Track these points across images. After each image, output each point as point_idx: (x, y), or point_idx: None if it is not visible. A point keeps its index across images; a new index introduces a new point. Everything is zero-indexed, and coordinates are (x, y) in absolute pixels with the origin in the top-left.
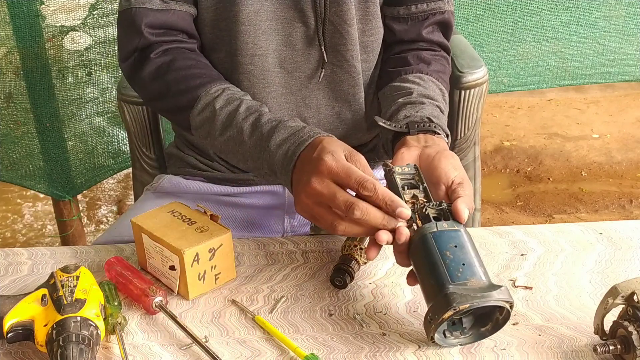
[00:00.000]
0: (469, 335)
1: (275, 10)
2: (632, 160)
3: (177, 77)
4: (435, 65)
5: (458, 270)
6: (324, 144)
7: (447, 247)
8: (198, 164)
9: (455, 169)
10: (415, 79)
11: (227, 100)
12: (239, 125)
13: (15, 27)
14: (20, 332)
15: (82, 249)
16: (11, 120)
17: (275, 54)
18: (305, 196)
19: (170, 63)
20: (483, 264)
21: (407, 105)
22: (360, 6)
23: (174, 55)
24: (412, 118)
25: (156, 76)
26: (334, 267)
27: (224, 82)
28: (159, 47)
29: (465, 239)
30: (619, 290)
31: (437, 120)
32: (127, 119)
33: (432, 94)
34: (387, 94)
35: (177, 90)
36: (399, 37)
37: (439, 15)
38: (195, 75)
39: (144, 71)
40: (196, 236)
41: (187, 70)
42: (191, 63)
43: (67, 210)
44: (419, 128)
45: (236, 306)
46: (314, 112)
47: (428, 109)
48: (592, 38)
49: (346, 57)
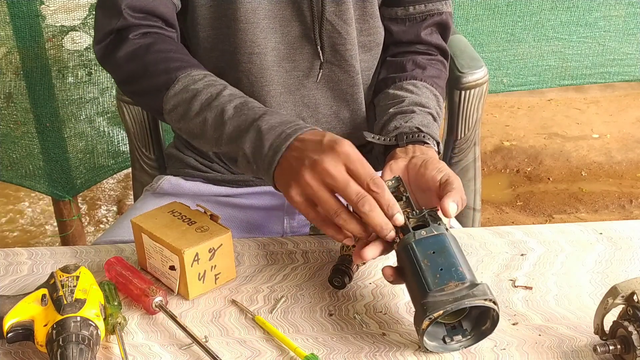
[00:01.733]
0: (471, 337)
1: (273, 9)
2: (632, 160)
3: (156, 58)
4: (430, 70)
5: (435, 276)
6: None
7: (425, 254)
8: (198, 164)
9: (440, 171)
10: (409, 86)
11: (209, 83)
12: (220, 107)
13: (15, 27)
14: (20, 332)
15: (82, 249)
16: (11, 120)
17: (273, 53)
18: (311, 176)
19: (149, 45)
20: (466, 263)
21: (398, 115)
22: (357, 6)
23: (154, 39)
24: (401, 129)
25: (133, 57)
26: (333, 268)
27: (205, 70)
28: (138, 29)
29: (446, 242)
30: (619, 290)
31: (426, 129)
32: (126, 120)
33: (425, 101)
34: (381, 104)
35: (154, 70)
36: (396, 38)
37: (437, 16)
38: (175, 59)
39: (120, 51)
40: (196, 236)
41: (167, 53)
42: (172, 47)
43: (67, 210)
44: (408, 139)
45: (236, 306)
46: (312, 112)
47: (418, 117)
48: (592, 38)
49: (345, 57)
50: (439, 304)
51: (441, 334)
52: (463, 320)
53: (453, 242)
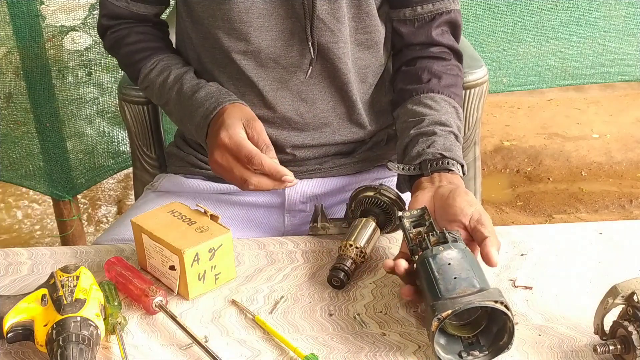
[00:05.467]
0: (488, 352)
1: (268, 7)
2: (632, 160)
3: (127, 51)
4: (446, 79)
5: (449, 283)
6: (225, 116)
7: (440, 266)
8: (198, 162)
9: (470, 205)
10: (428, 100)
11: (161, 71)
12: (167, 95)
13: (15, 27)
14: (20, 332)
15: (82, 249)
16: (11, 120)
17: (268, 50)
18: (212, 162)
19: (122, 39)
20: (482, 275)
21: (419, 138)
22: (353, 4)
23: (127, 32)
24: (424, 156)
25: (112, 50)
26: (331, 268)
27: (162, 53)
28: (114, 27)
29: (461, 255)
30: (619, 290)
31: (449, 153)
32: (127, 119)
33: (445, 119)
34: (401, 120)
35: (127, 63)
36: (407, 41)
37: (446, 15)
38: (139, 50)
39: (106, 46)
40: (196, 236)
41: (134, 45)
42: (139, 38)
43: (67, 210)
44: (432, 168)
45: (236, 306)
46: (309, 107)
47: (440, 140)
48: (592, 38)
49: (337, 54)
50: (448, 305)
51: (458, 349)
52: (480, 335)
53: (469, 256)
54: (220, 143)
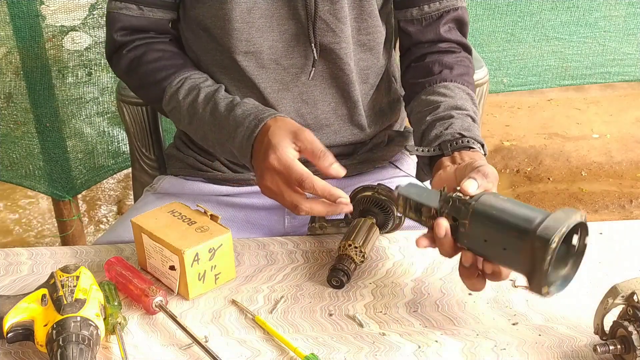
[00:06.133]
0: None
1: (270, 8)
2: (632, 160)
3: (146, 70)
4: (458, 69)
5: (523, 214)
6: (269, 136)
7: (498, 204)
8: (198, 164)
9: (481, 165)
10: (441, 89)
11: (189, 90)
12: (199, 116)
13: (15, 27)
14: (20, 332)
15: (82, 249)
16: (11, 120)
17: (270, 51)
18: (262, 187)
19: (140, 57)
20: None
21: (436, 122)
22: (355, 5)
23: (145, 49)
24: (443, 137)
25: (129, 70)
26: (331, 268)
27: (187, 71)
28: (131, 44)
29: (495, 195)
30: (619, 290)
31: (468, 133)
32: (126, 120)
33: (460, 104)
34: (416, 111)
35: (147, 83)
36: (416, 39)
37: (453, 12)
38: (161, 68)
39: (120, 66)
40: (196, 236)
41: (155, 63)
42: (159, 55)
43: (67, 210)
44: (453, 147)
45: (236, 306)
46: (311, 108)
47: (458, 122)
48: (592, 38)
49: (340, 55)
50: (553, 224)
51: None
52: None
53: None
54: (269, 166)
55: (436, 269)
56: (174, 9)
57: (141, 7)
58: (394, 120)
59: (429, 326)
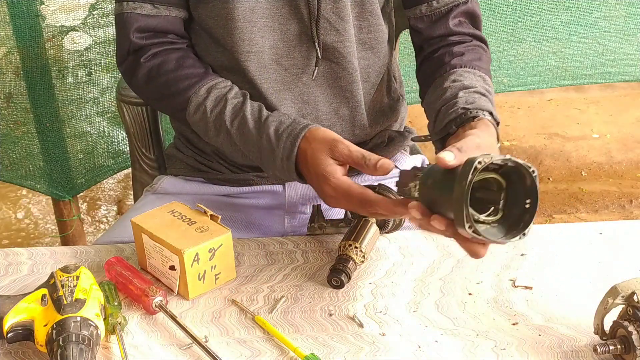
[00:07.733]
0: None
1: (271, 7)
2: (632, 160)
3: (167, 80)
4: (469, 55)
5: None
6: (310, 159)
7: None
8: (197, 164)
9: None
10: (451, 76)
11: (215, 100)
12: (226, 129)
13: (15, 27)
14: (20, 332)
15: (82, 249)
16: (11, 120)
17: (271, 51)
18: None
19: (159, 66)
20: None
21: (443, 107)
22: (356, 3)
23: (163, 58)
24: (448, 118)
25: (148, 80)
26: (331, 268)
27: (212, 79)
28: (148, 50)
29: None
30: (619, 290)
31: (472, 105)
32: (126, 120)
33: (468, 83)
34: (428, 100)
35: (169, 93)
36: (426, 35)
37: (463, 5)
38: (183, 77)
39: (137, 75)
40: (196, 236)
41: (175, 72)
42: (179, 64)
43: (67, 210)
44: (457, 123)
45: (236, 306)
46: (312, 109)
47: (462, 100)
48: (592, 38)
49: (343, 54)
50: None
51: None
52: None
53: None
54: (330, 194)
55: (436, 269)
56: (186, 8)
57: (156, 6)
58: (394, 120)
59: (429, 326)
